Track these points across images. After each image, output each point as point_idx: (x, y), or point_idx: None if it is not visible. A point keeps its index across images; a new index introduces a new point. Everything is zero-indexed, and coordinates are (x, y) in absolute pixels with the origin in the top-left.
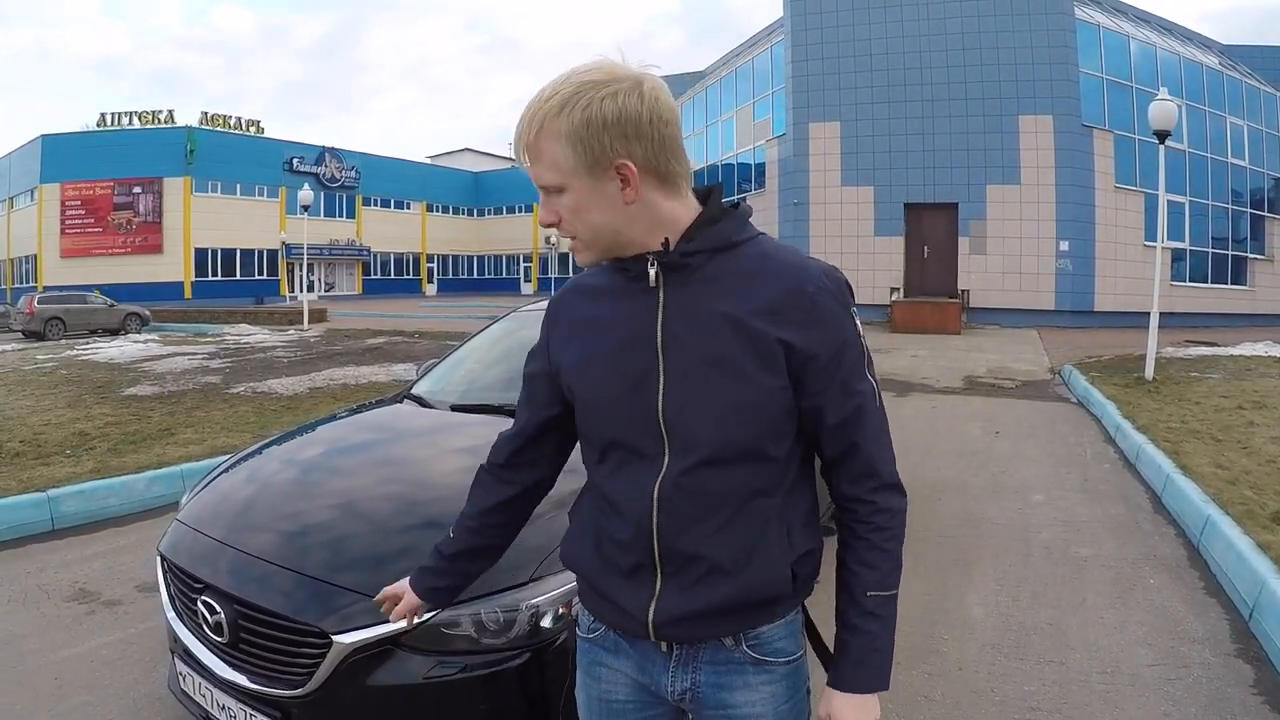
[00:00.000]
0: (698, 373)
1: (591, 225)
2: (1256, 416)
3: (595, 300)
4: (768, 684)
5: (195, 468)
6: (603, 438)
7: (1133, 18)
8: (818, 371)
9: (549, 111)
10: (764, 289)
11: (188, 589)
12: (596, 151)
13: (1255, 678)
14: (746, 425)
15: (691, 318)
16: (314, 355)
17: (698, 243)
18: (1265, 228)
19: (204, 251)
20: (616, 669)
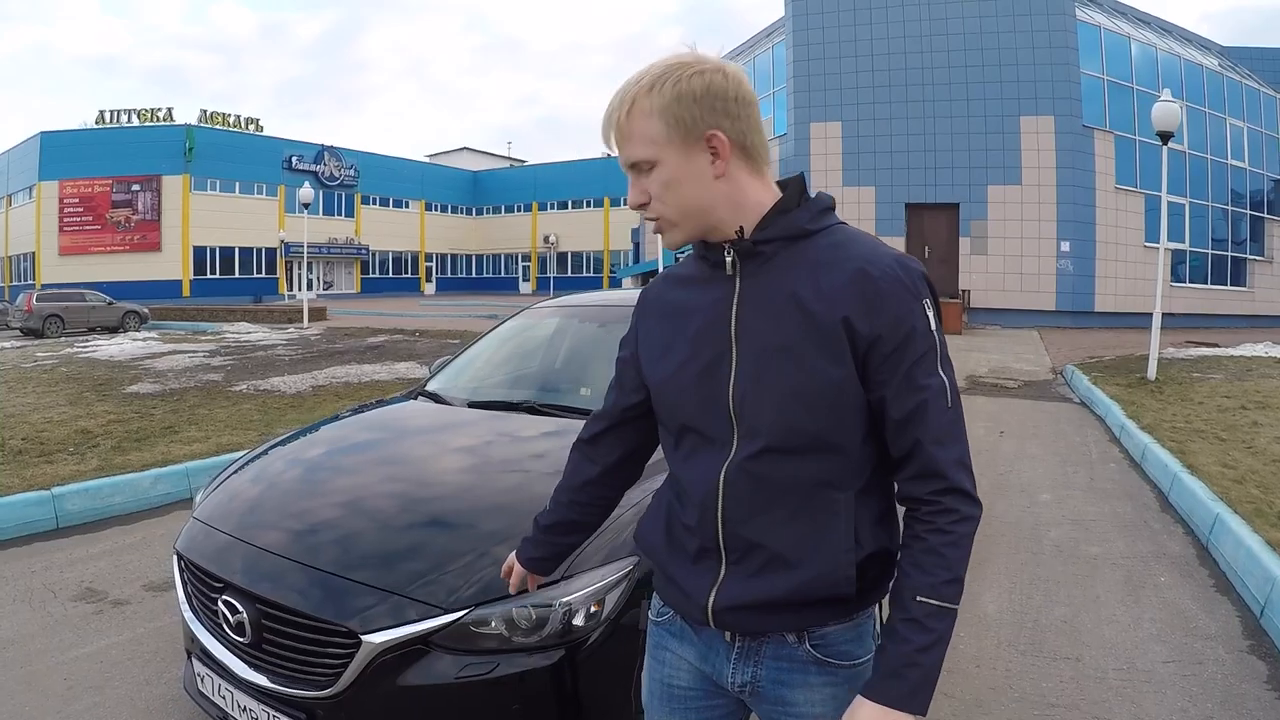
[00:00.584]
0: (764, 359)
1: (681, 201)
2: (1260, 416)
3: (680, 288)
4: (829, 685)
5: (201, 466)
6: (676, 423)
7: (1133, 19)
8: (882, 360)
9: (640, 91)
10: (831, 275)
11: (207, 588)
12: (688, 123)
13: (1269, 674)
14: (811, 414)
15: (761, 304)
16: (315, 354)
17: (771, 230)
18: (1265, 229)
19: (202, 250)
20: (680, 655)
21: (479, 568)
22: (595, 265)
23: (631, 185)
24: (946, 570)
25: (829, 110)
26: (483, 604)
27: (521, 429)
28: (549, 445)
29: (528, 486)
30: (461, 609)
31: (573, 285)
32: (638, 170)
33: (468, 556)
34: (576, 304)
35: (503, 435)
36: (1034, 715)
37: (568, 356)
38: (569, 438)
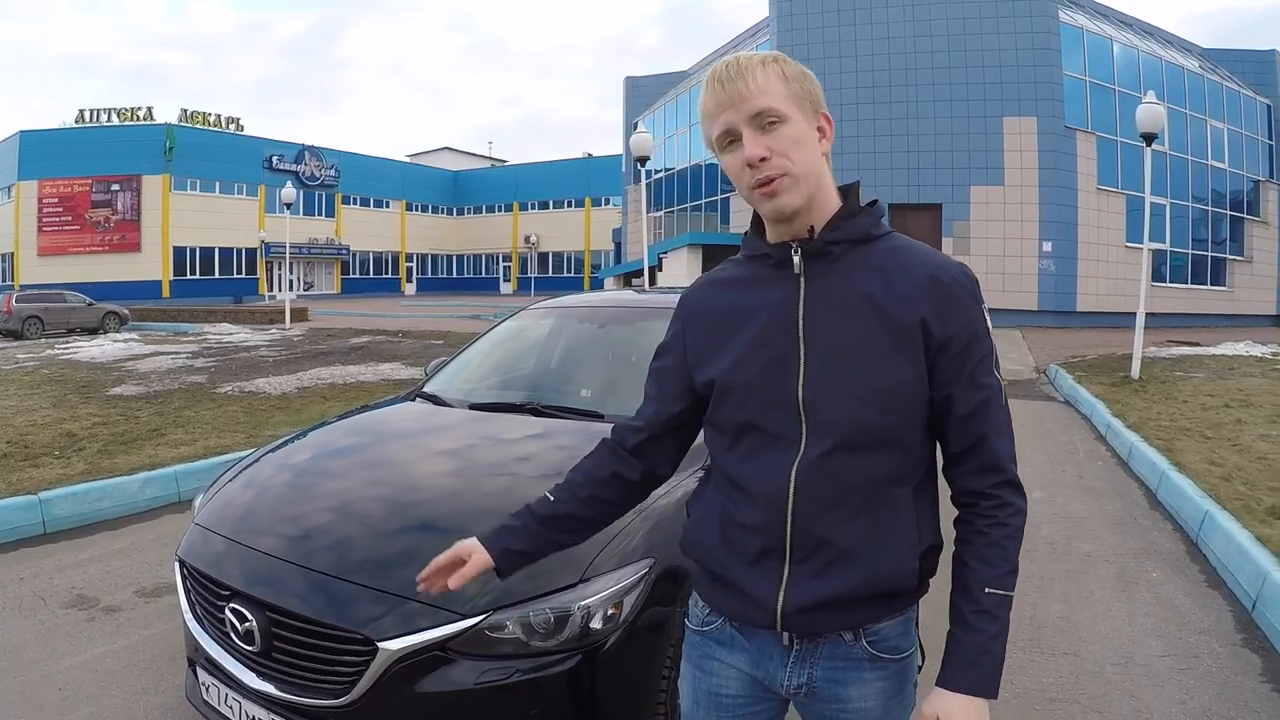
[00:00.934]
0: (838, 358)
1: (805, 162)
2: (1244, 414)
3: (732, 290)
4: (880, 679)
5: (190, 469)
6: (737, 421)
7: (1115, 21)
8: (950, 360)
9: (769, 56)
10: (902, 278)
11: (213, 596)
12: (811, 97)
13: (1263, 666)
14: (884, 412)
15: (832, 304)
16: (299, 355)
17: (839, 233)
18: (1244, 230)
19: (182, 250)
20: (729, 663)
21: None
22: (576, 265)
23: (751, 140)
24: (1007, 562)
25: None
26: (500, 608)
27: (531, 431)
28: (562, 445)
29: (547, 488)
30: (479, 614)
31: (554, 286)
32: (757, 124)
33: None
34: (574, 305)
35: (515, 438)
36: (1036, 710)
37: (568, 358)
38: (581, 438)
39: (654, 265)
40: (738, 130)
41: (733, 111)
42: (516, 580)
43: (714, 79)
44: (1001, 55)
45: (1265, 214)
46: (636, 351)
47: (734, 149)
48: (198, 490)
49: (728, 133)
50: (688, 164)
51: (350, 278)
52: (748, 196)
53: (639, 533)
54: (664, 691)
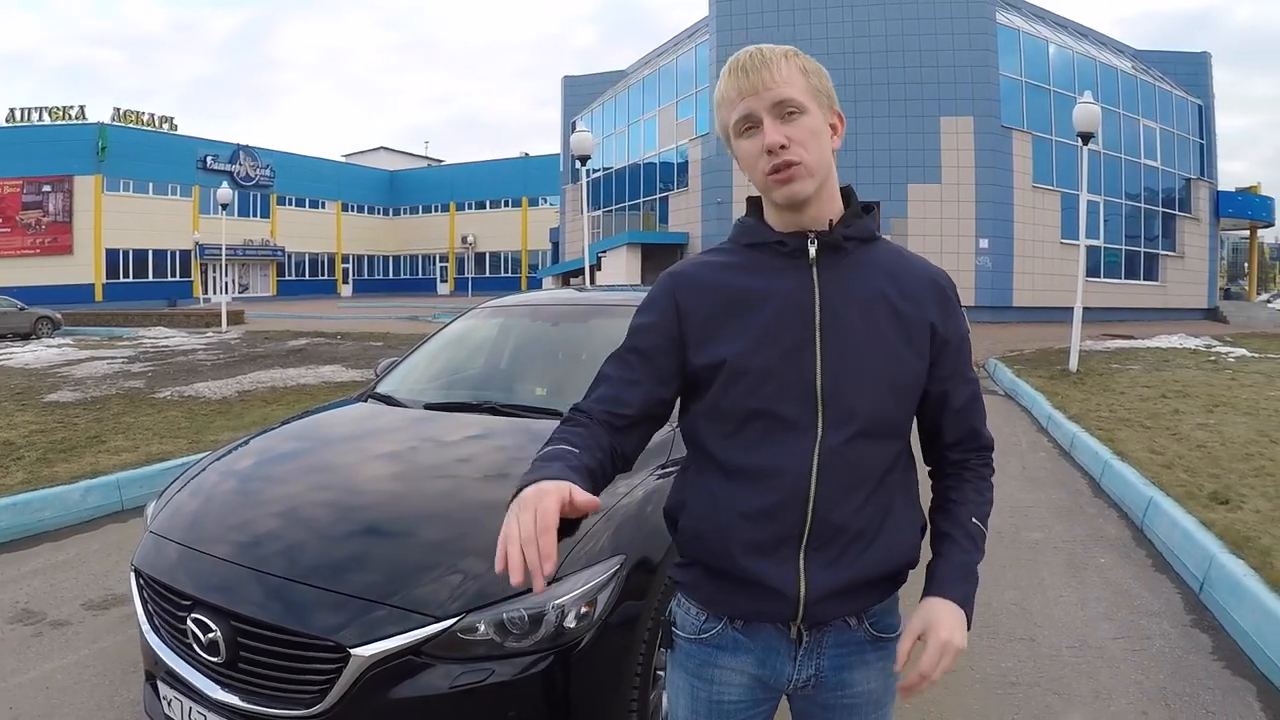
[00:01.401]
0: (857, 348)
1: (821, 155)
2: (1181, 405)
3: (735, 273)
4: (880, 660)
5: (132, 476)
6: (745, 408)
7: (1051, 23)
8: (948, 358)
9: (790, 50)
10: (908, 280)
11: (173, 606)
12: (826, 94)
13: (1213, 645)
14: (896, 402)
15: (848, 296)
16: (237, 358)
17: (853, 230)
18: (1176, 226)
19: (115, 252)
20: (733, 668)
21: (468, 572)
22: (514, 266)
23: (770, 127)
24: (988, 504)
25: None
26: (473, 610)
27: (491, 429)
28: (522, 443)
29: (510, 487)
30: (452, 616)
31: (491, 286)
32: (778, 113)
33: (456, 561)
34: (526, 303)
35: (474, 436)
36: (997, 694)
37: (523, 356)
38: (540, 436)
39: (593, 264)
40: (758, 117)
41: (755, 99)
42: (488, 581)
43: (737, 67)
44: (939, 56)
45: (1196, 211)
46: (589, 349)
47: (752, 135)
48: (142, 498)
49: (747, 118)
50: (626, 163)
51: (286, 279)
52: (760, 183)
53: (604, 534)
54: (636, 688)
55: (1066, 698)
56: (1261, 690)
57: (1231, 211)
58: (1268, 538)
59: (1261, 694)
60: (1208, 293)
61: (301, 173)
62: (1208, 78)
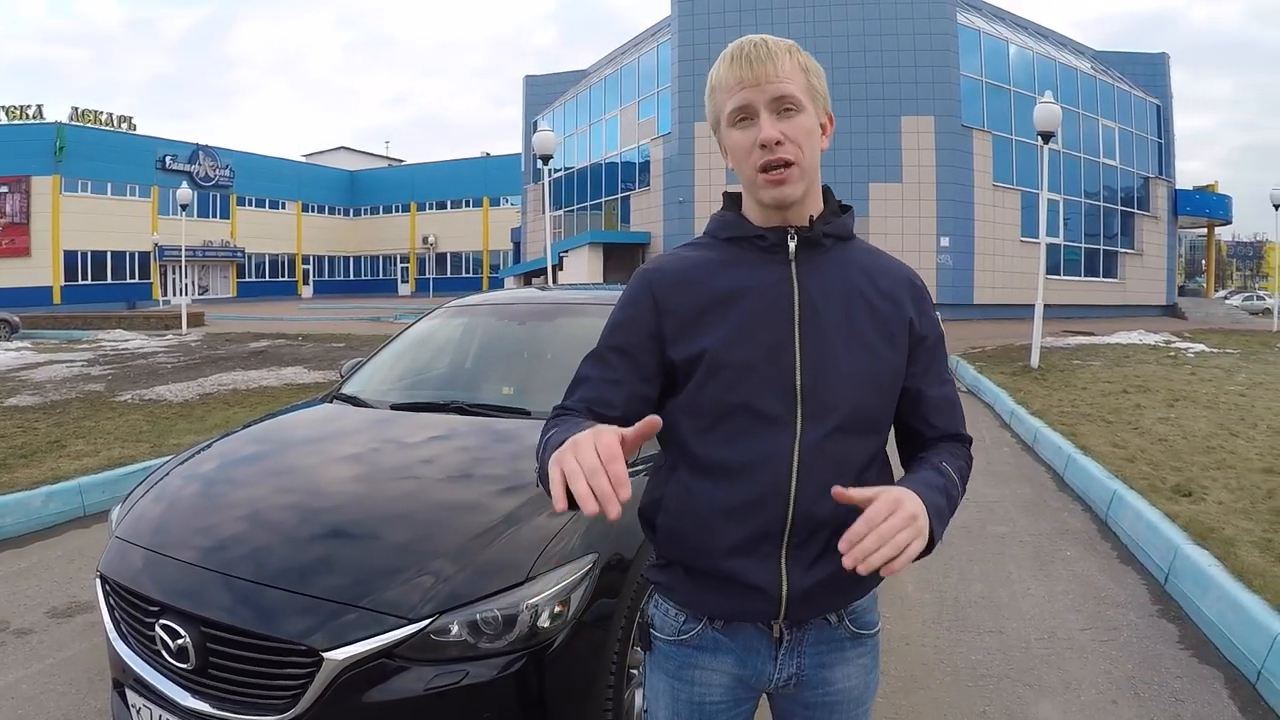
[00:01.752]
0: (838, 344)
1: (813, 154)
2: (1142, 399)
3: (711, 268)
4: (860, 656)
5: (95, 481)
6: (726, 402)
7: (1011, 24)
8: (925, 354)
9: (793, 45)
10: (886, 276)
11: (140, 612)
12: (821, 94)
13: (1180, 634)
14: (875, 397)
15: (827, 292)
16: (198, 360)
17: (832, 227)
18: (1135, 224)
19: (74, 254)
20: (714, 669)
21: (440, 573)
22: (475, 266)
23: (767, 121)
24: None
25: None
26: (446, 611)
27: (458, 429)
28: (488, 443)
29: (481, 486)
30: (425, 618)
31: (453, 286)
32: (776, 108)
33: (427, 562)
34: (490, 303)
35: (442, 436)
36: (968, 686)
37: (489, 355)
38: (509, 435)
39: (555, 264)
40: (755, 109)
41: (755, 91)
42: (460, 582)
43: (739, 55)
44: (900, 56)
45: (1155, 209)
46: (554, 348)
47: (746, 126)
48: (104, 503)
49: (744, 109)
50: (588, 163)
51: (246, 281)
52: (749, 176)
53: (575, 534)
54: (611, 687)
55: (1037, 689)
56: (1229, 678)
57: (1189, 210)
58: (1231, 528)
59: (1229, 681)
60: (1166, 289)
61: (261, 173)
62: (1166, 78)
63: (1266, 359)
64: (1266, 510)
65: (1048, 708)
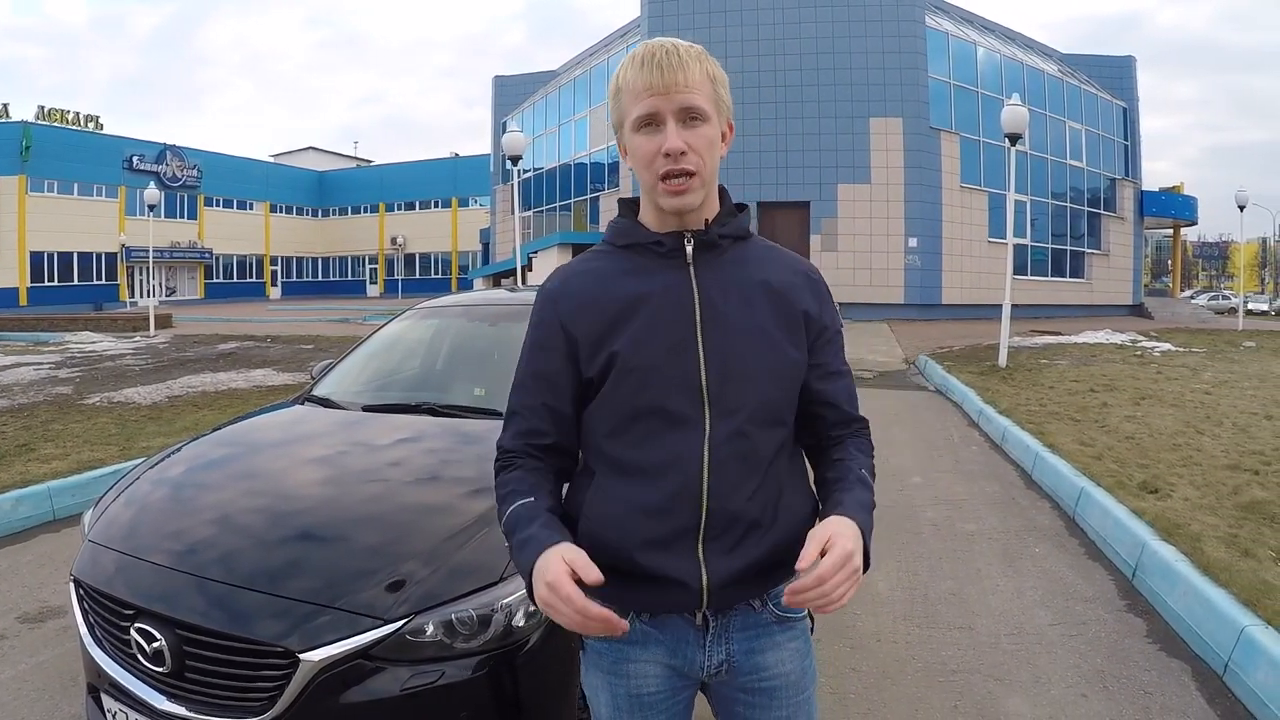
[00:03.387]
0: (739, 342)
1: (713, 164)
2: (1109, 398)
3: (613, 280)
4: (792, 640)
5: (64, 485)
6: (635, 405)
7: (979, 26)
8: (823, 346)
9: (701, 52)
10: (782, 271)
11: (115, 616)
12: (725, 103)
13: (1148, 628)
14: (779, 390)
15: (726, 291)
16: (167, 363)
17: (728, 228)
18: (1101, 225)
19: (40, 255)
20: (647, 660)
21: (414, 574)
22: (444, 267)
23: (673, 131)
24: (871, 459)
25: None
26: (421, 611)
27: (429, 430)
28: (459, 444)
29: (450, 488)
30: (400, 618)
31: (421, 288)
32: (682, 118)
33: (402, 563)
34: (461, 304)
35: (412, 437)
36: (939, 682)
37: (460, 356)
38: (477, 437)
39: (524, 265)
40: (663, 118)
41: (664, 99)
42: (436, 582)
43: (650, 61)
44: (869, 58)
45: (1121, 210)
46: None
47: (651, 133)
48: (74, 507)
49: (650, 116)
50: (556, 163)
51: (214, 282)
52: (650, 183)
53: None
54: None
55: (1007, 684)
56: (1196, 671)
57: (1155, 211)
58: (1197, 524)
59: (1196, 674)
60: (1133, 290)
61: (229, 173)
62: (1132, 81)
63: (1232, 358)
64: (1232, 506)
65: (1018, 702)
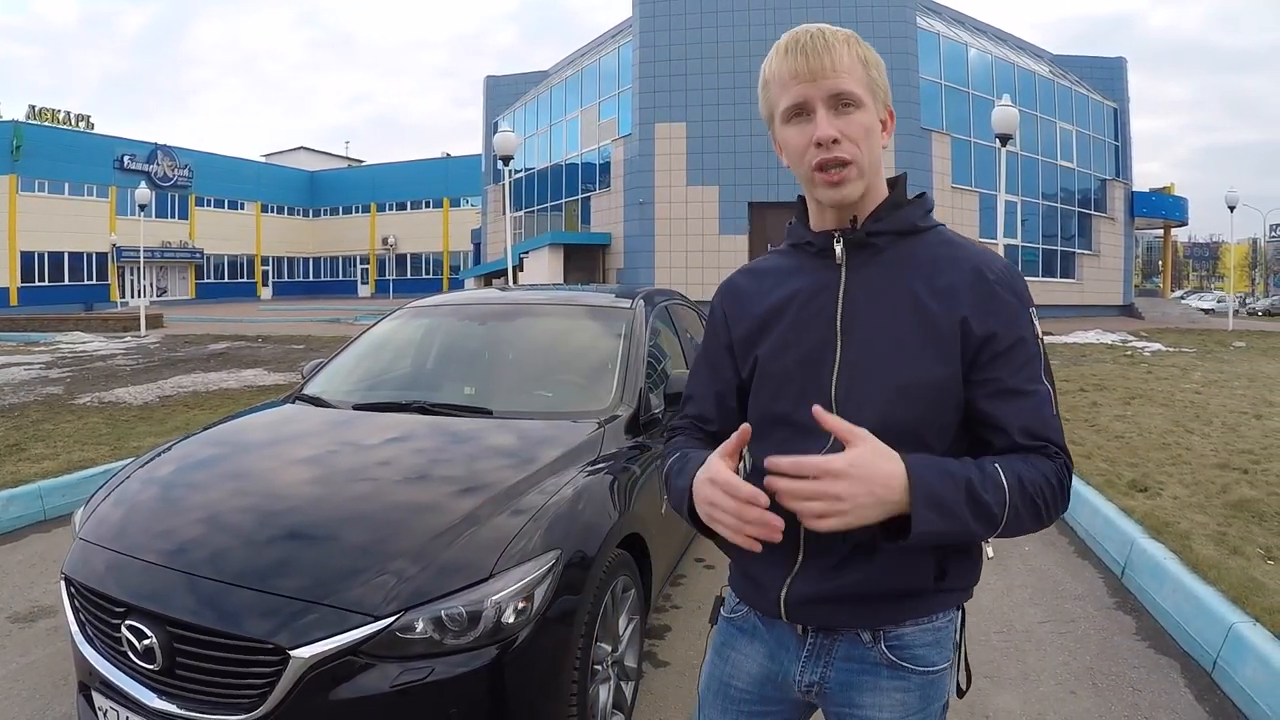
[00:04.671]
0: (874, 352)
1: (872, 153)
2: (1099, 397)
3: (774, 279)
4: (900, 691)
5: (55, 485)
6: (770, 413)
7: (970, 27)
8: (991, 358)
9: (851, 35)
10: (948, 272)
11: (106, 614)
12: (882, 88)
13: (1136, 626)
14: (909, 409)
15: (873, 298)
16: (157, 363)
17: (885, 223)
18: (1092, 225)
19: (30, 255)
20: (748, 653)
21: (404, 571)
22: (435, 267)
23: (825, 119)
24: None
25: (674, 111)
26: (411, 608)
27: (419, 430)
28: (449, 443)
29: (443, 485)
30: (390, 615)
31: (413, 288)
32: (833, 105)
33: (392, 560)
34: (452, 303)
35: (402, 437)
36: None
37: (451, 355)
38: (466, 436)
39: (515, 265)
40: (812, 105)
41: (812, 85)
42: (424, 580)
43: (795, 47)
44: None
45: (1112, 211)
46: (515, 348)
47: (800, 123)
48: (65, 507)
49: (799, 105)
50: (548, 164)
51: (205, 282)
52: (805, 175)
53: (535, 533)
54: (575, 682)
55: (996, 680)
56: (1185, 667)
57: (1146, 211)
58: (1186, 522)
59: (1185, 671)
60: (1123, 290)
61: (220, 173)
62: (1123, 82)
63: (1222, 358)
64: (1221, 504)
65: (1007, 699)
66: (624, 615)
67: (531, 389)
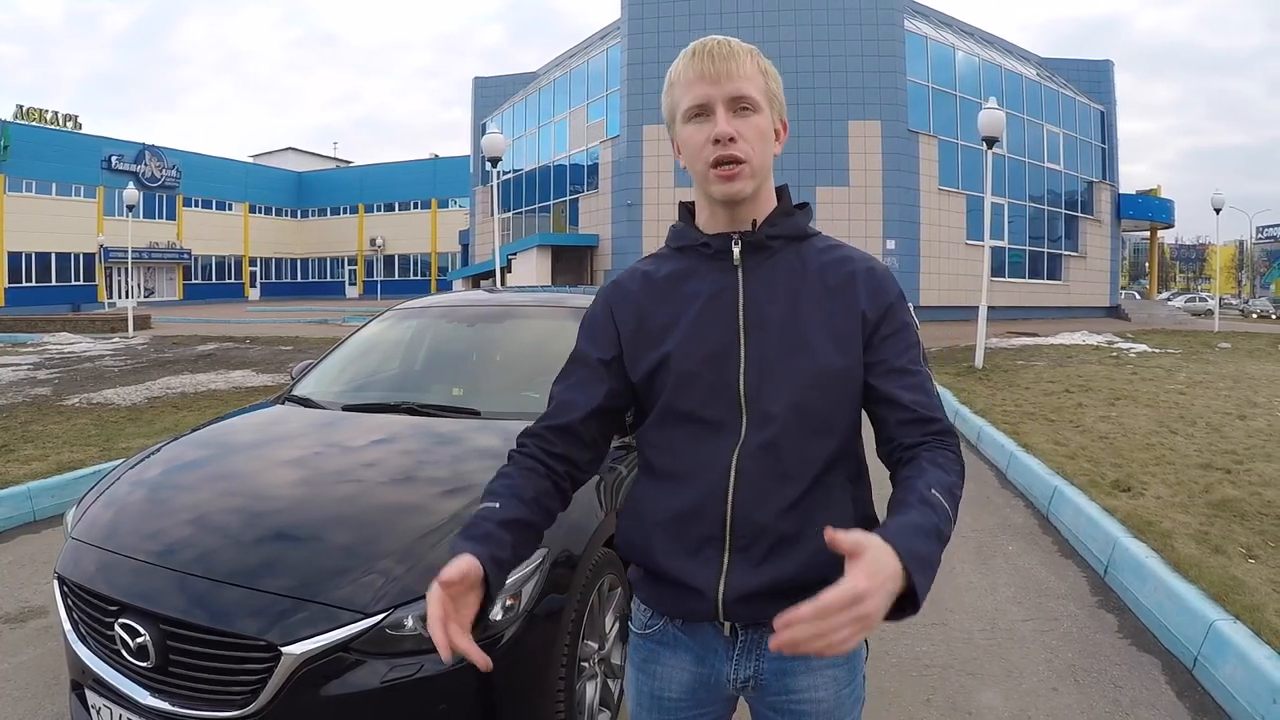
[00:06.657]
0: (779, 347)
1: (764, 156)
2: (1083, 398)
3: (666, 281)
4: (830, 667)
5: (44, 486)
6: (675, 412)
7: (958, 30)
8: (881, 341)
9: (754, 49)
10: (839, 269)
11: (99, 612)
12: (779, 98)
13: (1119, 624)
14: (823, 398)
15: (773, 295)
16: (145, 364)
17: (780, 229)
18: (1079, 227)
19: (18, 256)
20: (673, 665)
21: (392, 570)
22: (423, 268)
23: (724, 118)
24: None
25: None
26: (400, 605)
27: (405, 431)
28: (434, 445)
29: (429, 485)
30: (380, 612)
31: (401, 289)
32: (733, 107)
33: (380, 558)
34: (441, 304)
35: (388, 438)
36: (913, 677)
37: (439, 356)
38: (453, 437)
39: (503, 266)
40: (712, 106)
41: (714, 87)
42: (413, 578)
43: (702, 52)
44: (848, 61)
45: (1098, 213)
46: (504, 349)
47: (700, 122)
48: (54, 508)
49: (700, 106)
50: (536, 165)
51: (193, 283)
52: (701, 171)
53: None
54: (563, 679)
55: (980, 678)
56: (1166, 665)
57: (1132, 213)
58: (1168, 522)
59: (1166, 668)
60: (1110, 291)
61: (208, 173)
62: (1110, 84)
63: (1207, 359)
64: (1203, 504)
65: (990, 695)
66: (610, 613)
67: (519, 390)
